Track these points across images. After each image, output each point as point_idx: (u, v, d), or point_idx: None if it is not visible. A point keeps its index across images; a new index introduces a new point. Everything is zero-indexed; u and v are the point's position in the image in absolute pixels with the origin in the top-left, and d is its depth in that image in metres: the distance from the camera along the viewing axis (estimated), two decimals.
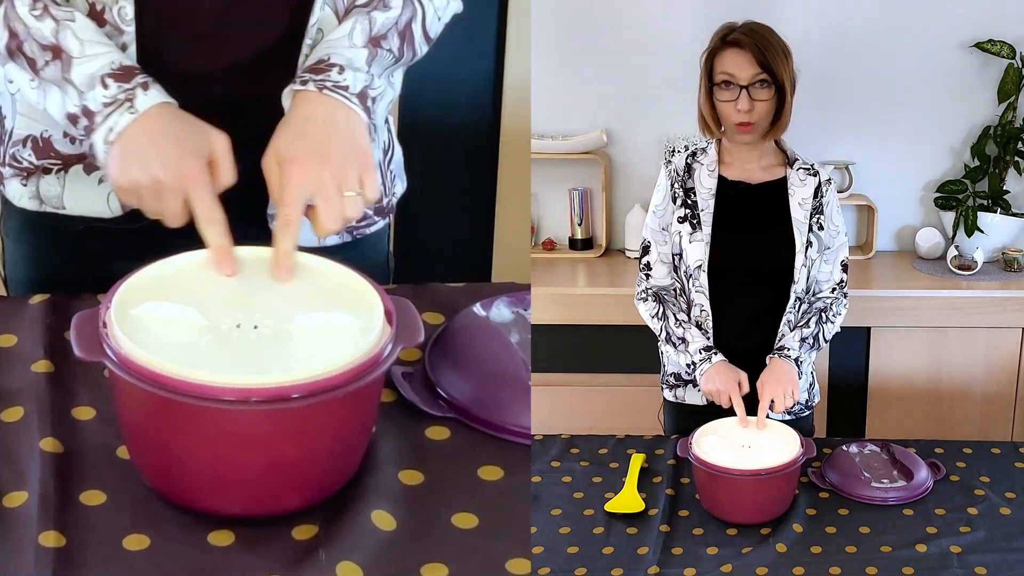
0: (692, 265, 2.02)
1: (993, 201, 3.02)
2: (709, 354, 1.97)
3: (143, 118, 1.29)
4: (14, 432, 1.27)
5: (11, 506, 1.17)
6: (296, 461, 1.14)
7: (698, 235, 2.01)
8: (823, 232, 2.04)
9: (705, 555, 1.67)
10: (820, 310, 2.06)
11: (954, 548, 1.66)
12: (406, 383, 1.36)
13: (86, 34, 1.34)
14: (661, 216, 2.07)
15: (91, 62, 1.32)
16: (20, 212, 1.55)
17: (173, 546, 1.14)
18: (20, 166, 1.51)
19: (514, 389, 1.31)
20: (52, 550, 1.12)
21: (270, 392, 1.09)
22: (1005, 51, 2.92)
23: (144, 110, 1.29)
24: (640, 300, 2.10)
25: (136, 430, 1.17)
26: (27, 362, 1.37)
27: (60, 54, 1.32)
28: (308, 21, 1.44)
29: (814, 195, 2.03)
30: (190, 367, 1.09)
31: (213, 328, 1.17)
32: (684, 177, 2.05)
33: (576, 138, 3.11)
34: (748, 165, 2.06)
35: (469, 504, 1.21)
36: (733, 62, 1.95)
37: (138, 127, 1.29)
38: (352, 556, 1.13)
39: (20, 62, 1.34)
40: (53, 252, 1.58)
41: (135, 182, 1.27)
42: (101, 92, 1.30)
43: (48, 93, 1.34)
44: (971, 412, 2.87)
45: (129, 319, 1.16)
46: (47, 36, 1.32)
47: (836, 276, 2.09)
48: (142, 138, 1.28)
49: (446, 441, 1.30)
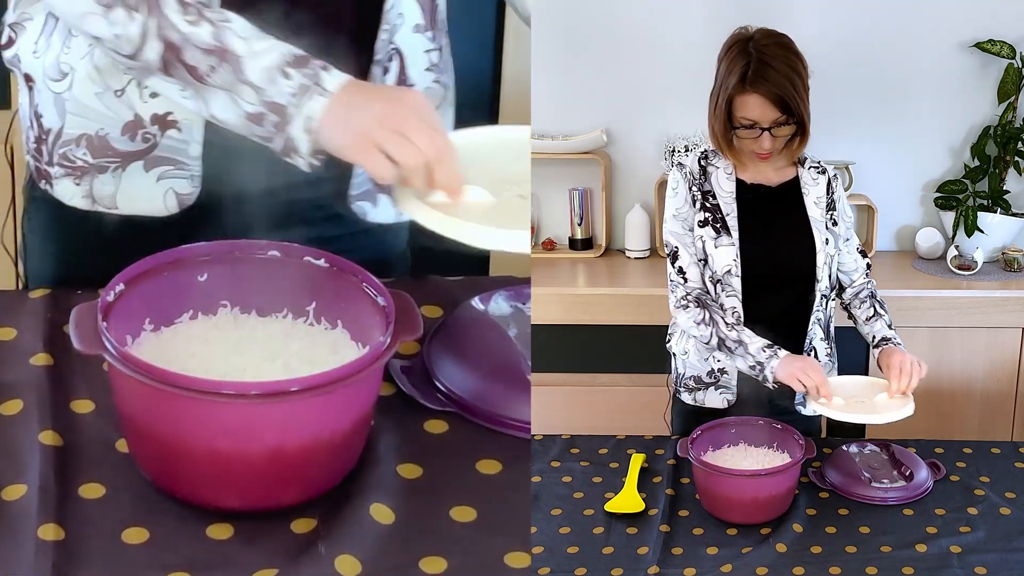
0: (720, 270, 1.99)
1: (993, 201, 3.02)
2: (774, 350, 1.93)
3: (338, 96, 1.28)
4: (13, 425, 1.27)
5: (10, 499, 1.18)
6: (295, 454, 1.14)
7: (724, 239, 1.98)
8: (837, 228, 2.04)
9: (705, 555, 1.66)
10: (871, 295, 2.09)
11: (954, 548, 1.65)
12: (405, 376, 1.36)
13: (247, 31, 1.32)
14: (684, 219, 2.02)
15: (262, 57, 1.30)
16: (52, 209, 1.55)
17: (172, 539, 1.14)
18: (73, 165, 1.50)
19: (513, 383, 1.31)
20: (52, 543, 1.12)
21: (269, 386, 1.09)
22: (1005, 51, 2.92)
23: (334, 90, 1.29)
24: (680, 307, 2.02)
25: (135, 423, 1.17)
26: (26, 355, 1.38)
27: (226, 56, 1.30)
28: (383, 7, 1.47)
29: (826, 192, 2.03)
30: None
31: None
32: (700, 180, 2.02)
33: (576, 138, 3.11)
34: (762, 168, 2.04)
35: (468, 497, 1.21)
36: (753, 108, 1.91)
37: (336, 104, 1.28)
38: (351, 549, 1.13)
39: (178, 72, 1.31)
40: (83, 249, 1.56)
41: (366, 138, 1.26)
42: (285, 84, 1.29)
43: (212, 99, 1.32)
44: (971, 412, 2.87)
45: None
46: (208, 40, 1.30)
47: (861, 262, 2.10)
48: (345, 111, 1.28)
49: (445, 435, 1.31)
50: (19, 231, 1.66)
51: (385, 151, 1.26)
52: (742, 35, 1.96)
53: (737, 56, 1.92)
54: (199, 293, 1.27)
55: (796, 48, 1.95)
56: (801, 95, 1.91)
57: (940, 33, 2.99)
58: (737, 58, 1.92)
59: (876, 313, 2.06)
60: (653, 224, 3.16)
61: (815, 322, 2.03)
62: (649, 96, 3.11)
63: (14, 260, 1.70)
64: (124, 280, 1.22)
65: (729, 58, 1.94)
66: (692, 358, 2.07)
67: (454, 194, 1.29)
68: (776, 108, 1.91)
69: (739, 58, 1.92)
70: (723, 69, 1.96)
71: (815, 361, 1.94)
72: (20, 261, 1.67)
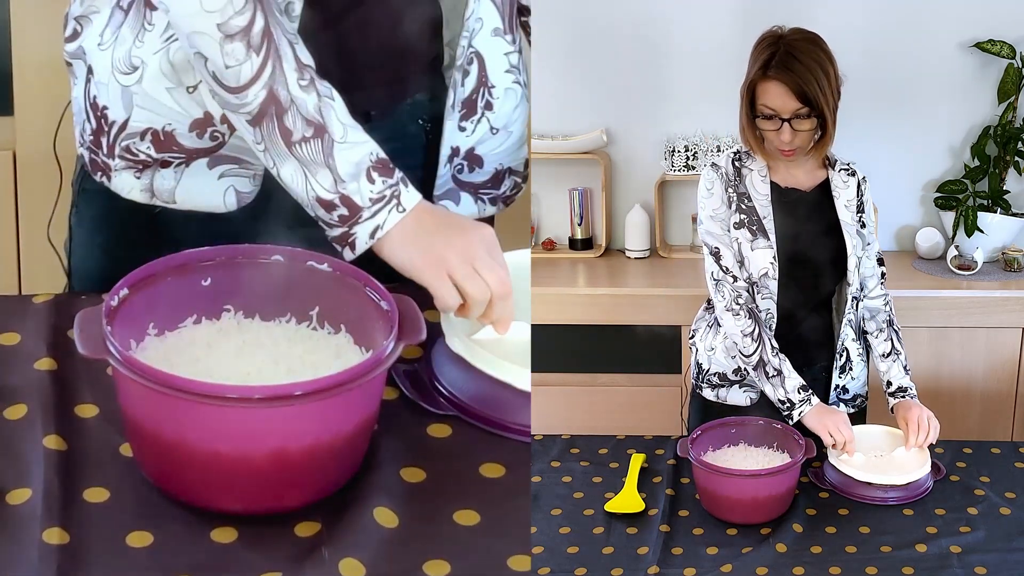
0: (757, 272, 1.99)
1: (993, 201, 3.03)
2: (809, 394, 1.94)
3: (412, 213, 1.32)
4: (17, 430, 1.27)
5: (15, 503, 1.18)
6: (299, 458, 1.14)
7: (761, 242, 1.98)
8: (865, 230, 2.04)
9: (705, 555, 1.67)
10: (888, 323, 2.08)
11: (954, 548, 1.66)
12: (408, 381, 1.36)
13: (345, 117, 1.33)
14: (722, 220, 2.01)
15: (353, 150, 1.31)
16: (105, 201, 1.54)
17: (176, 543, 1.14)
18: (136, 159, 1.49)
19: (514, 387, 1.32)
20: (56, 547, 1.12)
21: (273, 390, 1.09)
22: (1005, 51, 2.93)
23: (410, 207, 1.32)
24: (732, 313, 1.98)
25: (139, 427, 1.17)
26: (30, 360, 1.38)
27: (323, 135, 1.30)
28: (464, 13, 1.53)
29: (856, 194, 2.03)
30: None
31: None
32: (736, 181, 2.02)
33: (576, 138, 3.11)
34: (795, 171, 2.04)
35: (471, 501, 1.21)
36: (774, 96, 1.92)
37: (409, 221, 1.32)
38: (354, 553, 1.13)
39: (267, 127, 1.31)
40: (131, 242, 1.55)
41: (431, 264, 1.31)
42: (367, 187, 1.31)
43: (286, 164, 1.31)
44: (971, 412, 2.87)
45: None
46: (311, 112, 1.30)
47: (877, 270, 2.10)
48: (414, 230, 1.32)
49: (448, 439, 1.31)
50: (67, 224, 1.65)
51: (455, 281, 1.30)
52: (775, 31, 1.98)
53: (765, 48, 1.95)
54: (203, 298, 1.27)
55: (827, 47, 1.96)
56: (824, 90, 1.92)
57: (940, 33, 3.00)
58: (765, 49, 1.94)
59: (894, 350, 2.06)
60: (653, 224, 3.16)
61: (847, 323, 2.04)
62: (649, 96, 3.11)
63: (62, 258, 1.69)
64: (128, 285, 1.22)
65: (758, 50, 1.96)
66: (719, 355, 2.07)
67: (504, 330, 1.34)
68: (795, 98, 1.91)
69: (767, 49, 1.94)
70: (751, 60, 1.97)
71: (844, 415, 1.94)
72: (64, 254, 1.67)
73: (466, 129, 1.62)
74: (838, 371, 2.07)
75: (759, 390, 2.03)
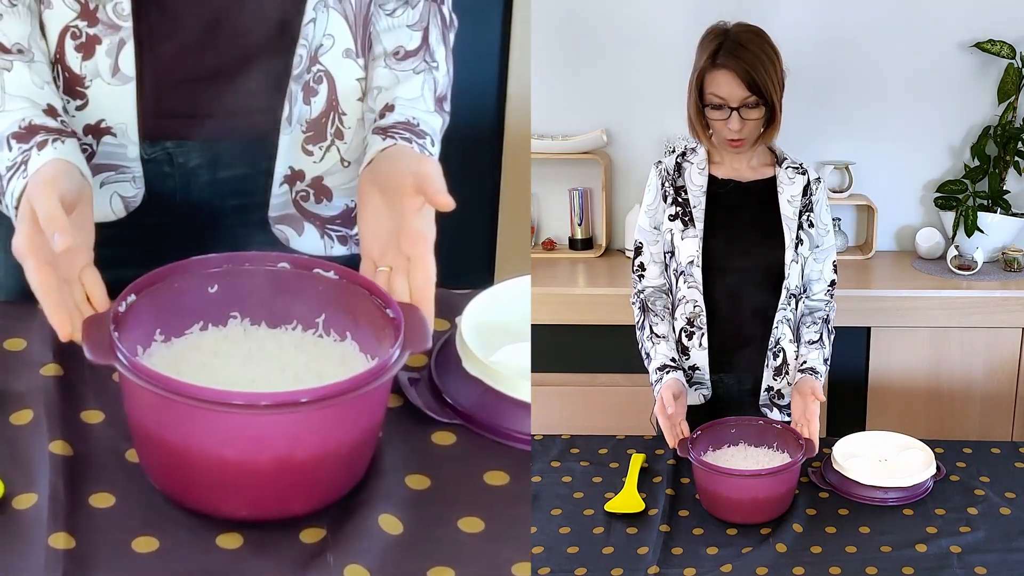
0: (684, 261, 2.02)
1: (993, 201, 3.03)
2: (662, 374, 1.97)
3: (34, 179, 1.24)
4: (23, 435, 1.28)
5: (21, 508, 1.18)
6: (304, 465, 1.14)
7: (690, 231, 2.01)
8: (813, 230, 2.05)
9: (705, 555, 1.67)
10: (824, 320, 2.08)
11: (954, 548, 1.66)
12: (413, 389, 1.37)
13: (13, 87, 1.29)
14: (652, 215, 2.07)
15: (3, 119, 1.29)
16: (6, 219, 1.55)
17: (182, 549, 1.15)
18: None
19: (517, 398, 1.32)
20: (62, 552, 1.13)
21: (279, 396, 1.10)
22: (1005, 51, 2.93)
23: (33, 172, 1.25)
24: (632, 304, 2.12)
25: (145, 433, 1.17)
26: (36, 365, 1.38)
27: None
28: (301, 21, 1.43)
29: (803, 193, 2.04)
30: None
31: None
32: (674, 176, 2.06)
33: (576, 138, 3.11)
34: (737, 165, 2.07)
35: (475, 509, 1.22)
36: (723, 85, 1.94)
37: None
38: (359, 560, 1.14)
39: None
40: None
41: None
42: (6, 155, 1.28)
43: None
44: (971, 412, 2.88)
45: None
46: None
47: (828, 276, 2.10)
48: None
49: (452, 446, 1.31)
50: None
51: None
52: (720, 25, 2.01)
53: (713, 40, 1.98)
54: (209, 304, 1.28)
55: (771, 40, 1.99)
56: (772, 78, 1.95)
57: (940, 33, 3.00)
58: (712, 41, 1.98)
59: (821, 341, 2.05)
60: None
61: (782, 321, 2.03)
62: (649, 96, 3.11)
63: None
64: (135, 291, 1.22)
65: (706, 42, 2.00)
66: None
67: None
68: (744, 86, 1.94)
69: (714, 41, 1.98)
70: (698, 52, 2.01)
71: (679, 408, 1.91)
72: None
73: (313, 154, 1.53)
74: (772, 372, 2.05)
75: (709, 386, 2.06)
